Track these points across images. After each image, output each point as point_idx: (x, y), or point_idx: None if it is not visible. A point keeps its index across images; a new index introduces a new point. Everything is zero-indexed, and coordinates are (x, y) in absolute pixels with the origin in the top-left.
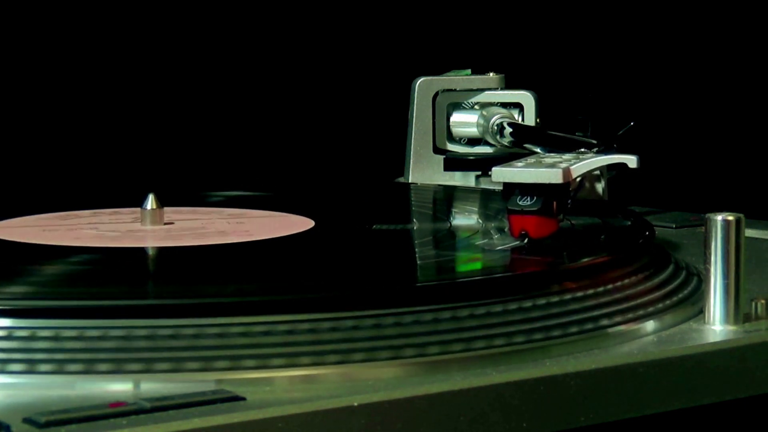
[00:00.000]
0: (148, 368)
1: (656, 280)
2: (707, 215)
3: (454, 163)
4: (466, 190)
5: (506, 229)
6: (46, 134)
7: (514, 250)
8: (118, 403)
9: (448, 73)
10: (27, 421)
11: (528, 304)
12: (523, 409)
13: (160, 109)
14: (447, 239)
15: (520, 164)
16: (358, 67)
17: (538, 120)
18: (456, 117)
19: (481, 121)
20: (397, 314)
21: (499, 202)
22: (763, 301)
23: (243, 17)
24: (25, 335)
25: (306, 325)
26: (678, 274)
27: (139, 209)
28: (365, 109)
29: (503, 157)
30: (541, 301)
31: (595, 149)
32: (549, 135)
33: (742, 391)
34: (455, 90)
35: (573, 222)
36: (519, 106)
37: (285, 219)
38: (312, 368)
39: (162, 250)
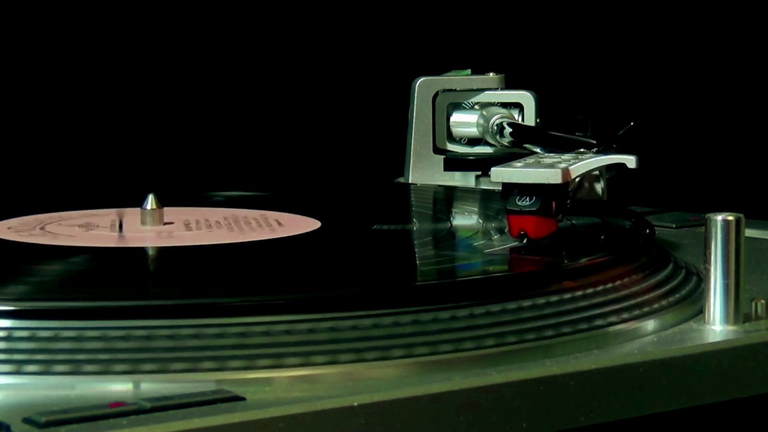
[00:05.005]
0: (148, 368)
1: (656, 280)
2: (707, 215)
3: (454, 163)
4: (466, 190)
5: (506, 230)
6: (46, 134)
7: (513, 250)
8: (118, 403)
9: (448, 73)
10: (27, 421)
11: (528, 303)
12: (523, 409)
13: (160, 109)
14: (447, 239)
15: (519, 164)
16: (358, 67)
17: (538, 120)
18: (456, 117)
19: (481, 121)
20: (397, 314)
21: (498, 203)
22: (763, 301)
23: (243, 17)
24: (25, 335)
25: (306, 325)
26: (677, 274)
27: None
28: (365, 109)
29: (503, 157)
30: (541, 301)
31: (594, 149)
32: (549, 135)
33: (742, 391)
34: (455, 90)
35: (573, 222)
36: (519, 106)
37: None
38: (312, 368)
39: (162, 250)
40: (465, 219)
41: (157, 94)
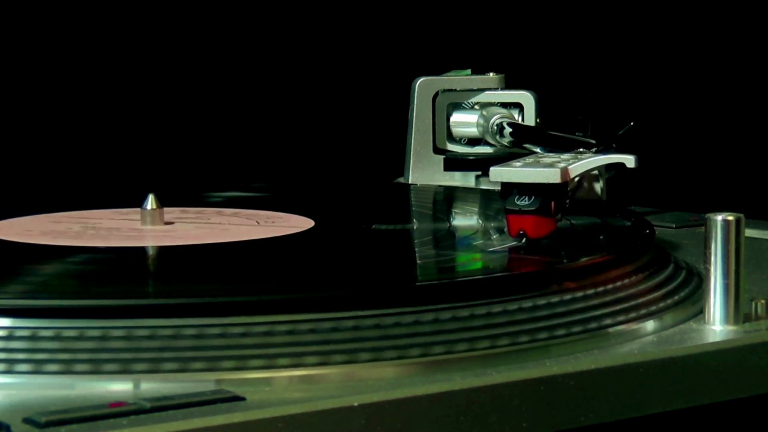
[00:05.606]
0: (148, 368)
1: (656, 280)
2: (707, 215)
3: (454, 163)
4: (466, 190)
5: (505, 229)
6: (46, 134)
7: (512, 250)
8: (118, 403)
9: (448, 73)
10: (27, 421)
11: (528, 304)
12: (523, 409)
13: (159, 109)
14: (447, 239)
15: (518, 164)
16: (358, 67)
17: (538, 120)
18: (456, 117)
19: (481, 121)
20: (397, 314)
21: (498, 202)
22: (763, 301)
23: (243, 17)
24: (25, 335)
25: (306, 325)
26: (678, 274)
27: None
28: (365, 109)
29: (503, 157)
30: (541, 301)
31: (593, 149)
32: (549, 135)
33: (742, 391)
34: (455, 90)
35: (572, 222)
36: (519, 106)
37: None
38: (312, 368)
39: (162, 250)
40: (465, 219)
41: (156, 94)
